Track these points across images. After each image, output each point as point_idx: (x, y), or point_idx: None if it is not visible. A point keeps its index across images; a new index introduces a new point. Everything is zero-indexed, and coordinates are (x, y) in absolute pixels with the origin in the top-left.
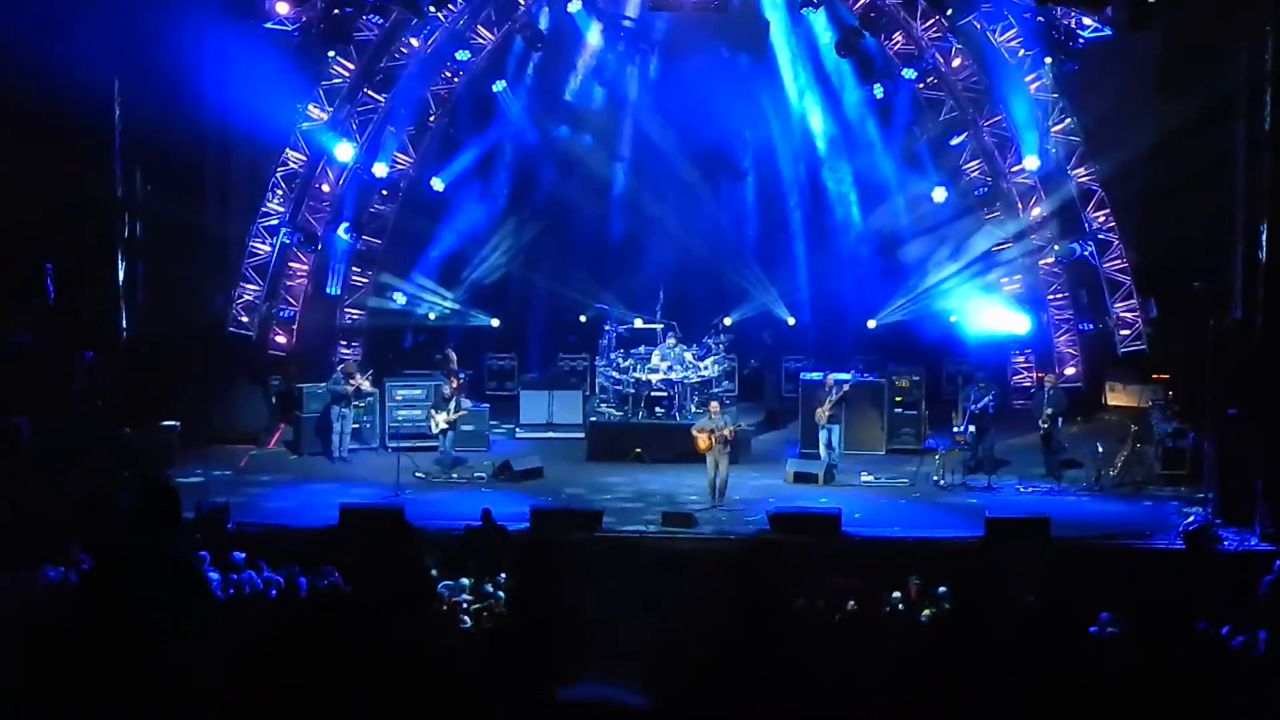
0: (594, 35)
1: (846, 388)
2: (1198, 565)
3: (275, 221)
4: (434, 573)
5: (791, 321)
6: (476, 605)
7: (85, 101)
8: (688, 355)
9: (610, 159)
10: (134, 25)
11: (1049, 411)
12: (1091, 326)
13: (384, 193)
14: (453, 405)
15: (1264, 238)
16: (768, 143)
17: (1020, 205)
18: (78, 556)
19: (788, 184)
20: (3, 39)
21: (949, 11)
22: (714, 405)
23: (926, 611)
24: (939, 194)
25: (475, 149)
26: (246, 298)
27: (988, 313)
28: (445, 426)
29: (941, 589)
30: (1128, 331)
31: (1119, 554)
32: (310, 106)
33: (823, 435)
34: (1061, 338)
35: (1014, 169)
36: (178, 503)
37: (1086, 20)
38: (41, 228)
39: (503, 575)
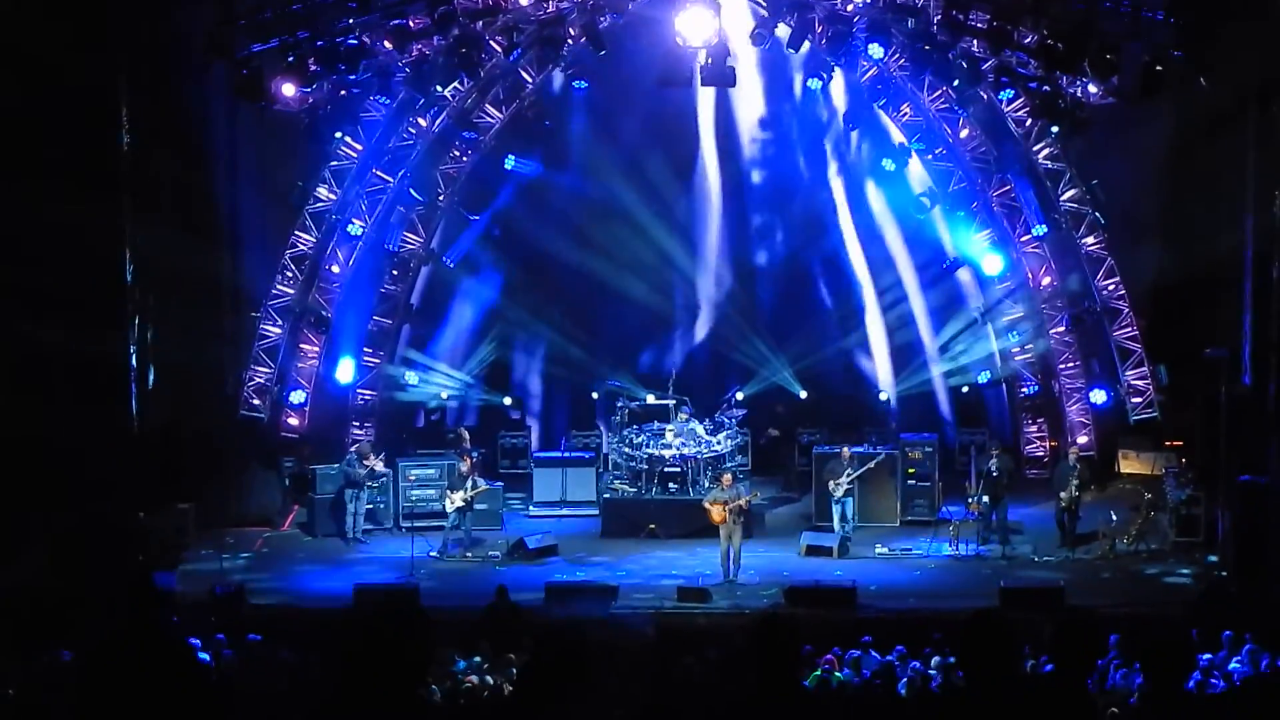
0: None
1: (872, 464)
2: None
3: (285, 303)
4: (453, 655)
5: (804, 395)
6: (486, 681)
7: (96, 182)
8: (700, 430)
9: (620, 233)
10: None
11: (1075, 483)
12: (1109, 399)
13: (394, 273)
14: (469, 484)
15: (1274, 303)
16: (779, 212)
17: (1030, 274)
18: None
19: (799, 256)
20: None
21: (955, 82)
22: (727, 477)
23: (941, 681)
24: (950, 263)
25: (485, 227)
26: (258, 380)
27: (999, 381)
28: (461, 505)
29: (954, 658)
30: (1139, 399)
31: (1134, 620)
32: (319, 188)
33: (836, 509)
34: (1073, 406)
35: (1023, 238)
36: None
37: (1093, 88)
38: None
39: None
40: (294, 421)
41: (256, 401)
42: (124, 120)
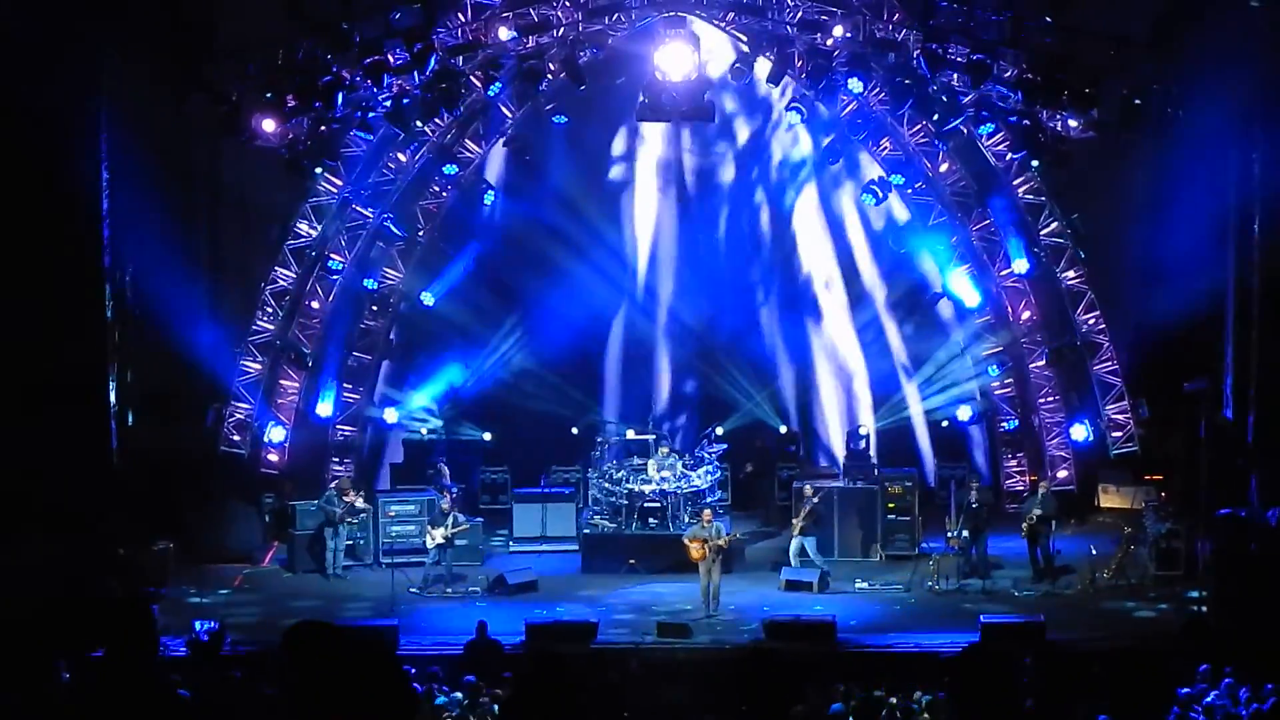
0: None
1: (816, 500)
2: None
3: (265, 339)
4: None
5: (784, 430)
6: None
7: (75, 216)
8: (680, 465)
9: (599, 267)
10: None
11: (1037, 513)
12: (1090, 433)
13: (374, 308)
14: (450, 521)
15: (1254, 336)
16: (757, 246)
17: (1010, 308)
18: (60, 671)
19: (778, 290)
20: None
21: (935, 116)
22: (706, 514)
23: (924, 717)
24: (929, 298)
25: (465, 262)
26: (238, 416)
27: (978, 416)
28: (442, 542)
29: (938, 695)
30: (1119, 433)
31: (1114, 655)
32: (300, 223)
33: (794, 545)
34: (1052, 440)
35: (1003, 272)
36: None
37: (1073, 123)
38: (30, 348)
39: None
40: (274, 457)
41: (236, 437)
42: (103, 154)
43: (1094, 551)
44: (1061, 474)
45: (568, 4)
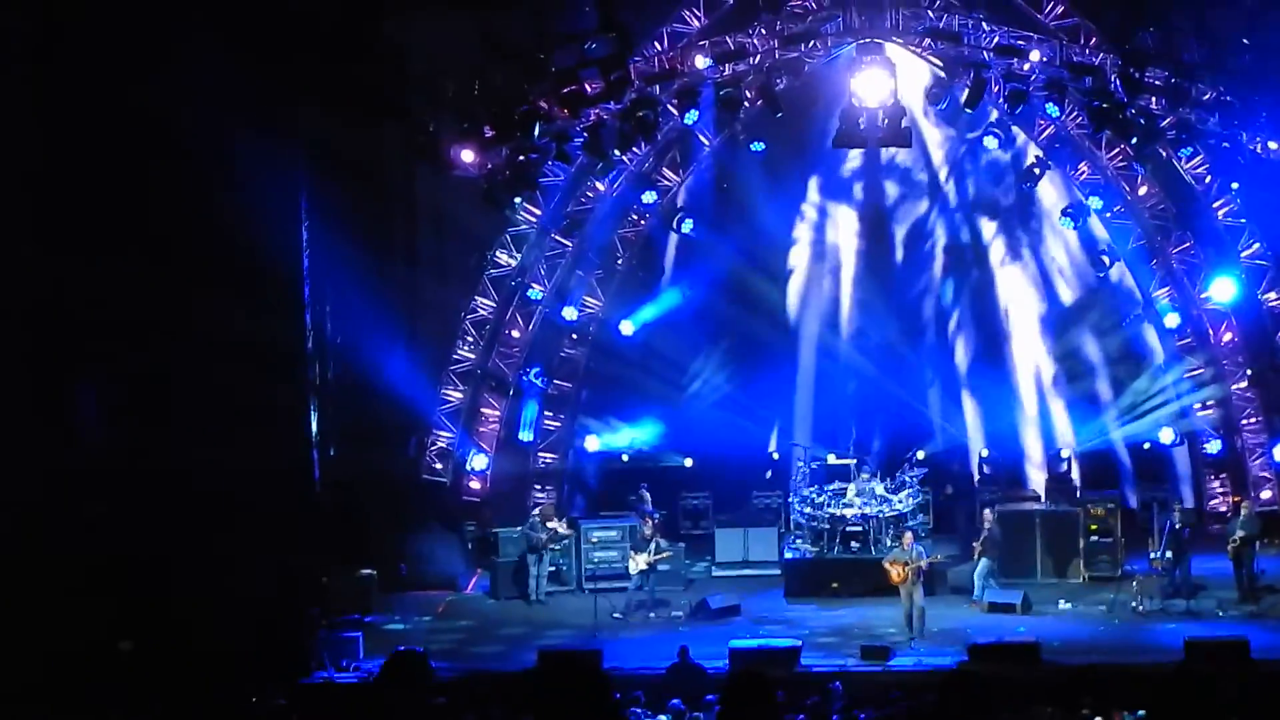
0: None
1: (989, 525)
2: None
3: (466, 368)
4: (637, 710)
5: (985, 453)
6: None
7: (273, 248)
8: (880, 489)
9: (798, 292)
10: (321, 171)
11: (1241, 534)
12: None
13: (574, 336)
14: (653, 546)
15: None
16: (955, 271)
17: (1211, 331)
18: (277, 700)
19: (974, 316)
20: (191, 184)
21: (1134, 140)
22: (907, 537)
23: None
24: (1131, 321)
25: (663, 289)
26: (440, 444)
27: (1181, 438)
28: (645, 567)
29: (1140, 712)
30: None
31: None
32: (499, 253)
33: (979, 567)
34: (1255, 461)
35: (1203, 295)
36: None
37: (1273, 144)
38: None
39: (699, 714)
40: (476, 485)
41: (439, 465)
42: (303, 208)
43: None
44: (1265, 494)
45: (764, 32)
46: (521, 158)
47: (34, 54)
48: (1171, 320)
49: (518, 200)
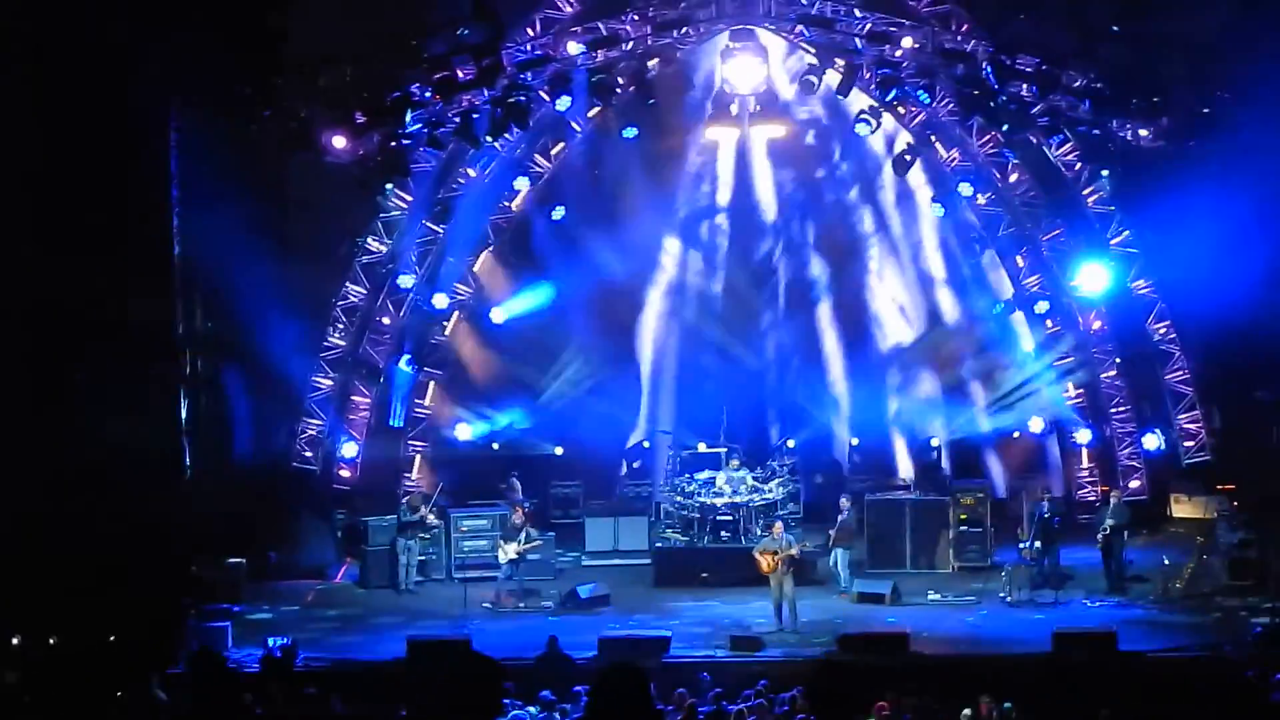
0: None
1: (845, 514)
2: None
3: (337, 355)
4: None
5: (855, 442)
6: None
7: (144, 235)
8: (750, 478)
9: (668, 280)
10: (193, 158)
11: (1110, 524)
12: (1161, 443)
13: (445, 323)
14: (523, 536)
15: None
16: (828, 256)
17: (1081, 319)
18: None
19: (845, 304)
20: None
21: (1005, 127)
22: (777, 527)
23: None
24: (998, 309)
25: (534, 276)
26: (310, 432)
27: (1050, 426)
28: (514, 556)
29: (1008, 704)
30: (1191, 443)
31: (1188, 666)
32: (370, 239)
33: (832, 557)
34: (1124, 451)
35: (1073, 283)
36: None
37: (1143, 132)
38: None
39: (568, 706)
40: (346, 473)
41: (309, 453)
42: (173, 174)
43: (1167, 562)
44: (1134, 484)
45: (636, 18)
46: (394, 144)
47: None
48: (1041, 307)
49: (389, 186)
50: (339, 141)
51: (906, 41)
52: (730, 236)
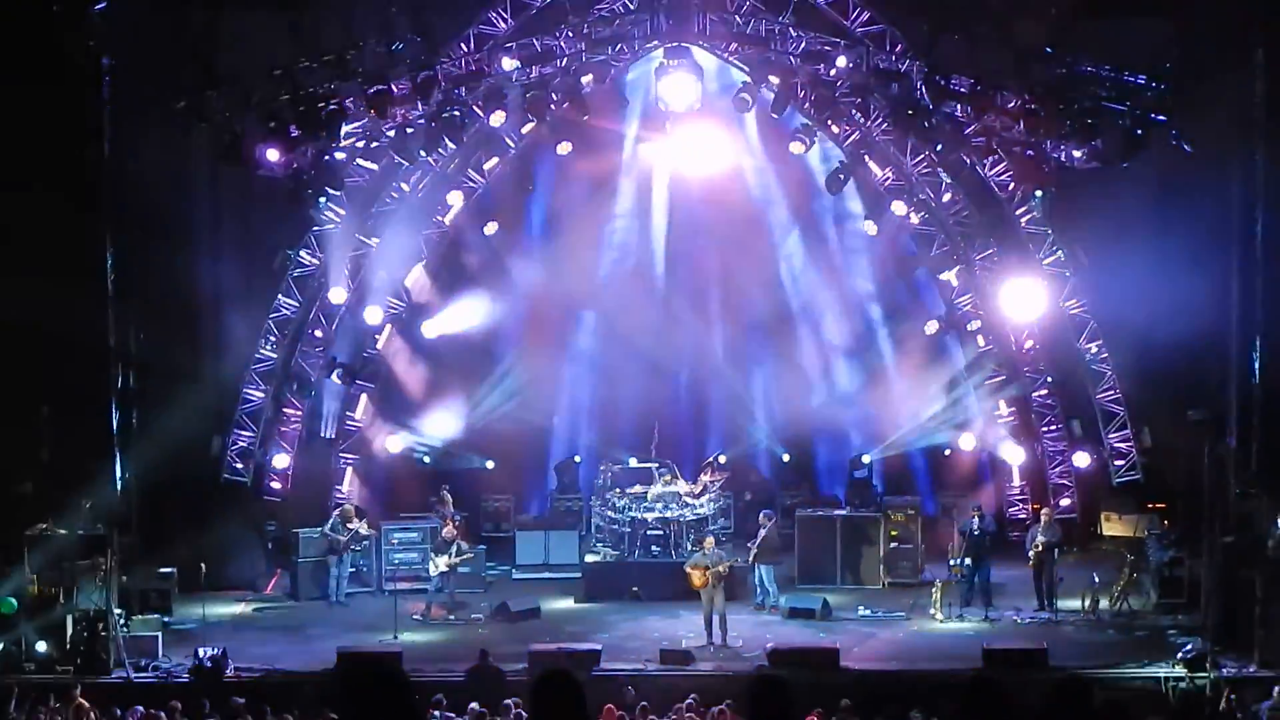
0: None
1: (766, 530)
2: (1197, 693)
3: (268, 367)
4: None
5: (786, 458)
6: None
7: (76, 248)
8: (681, 493)
9: (602, 296)
10: (127, 169)
11: (1041, 541)
12: (1092, 461)
13: (377, 337)
14: (454, 548)
15: (1257, 364)
16: (758, 277)
17: (1013, 338)
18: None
19: (777, 318)
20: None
21: (939, 147)
22: (708, 542)
23: None
24: (931, 327)
25: (467, 290)
26: (241, 444)
27: (981, 444)
28: (445, 569)
29: None
30: (1122, 461)
31: (1117, 683)
32: (303, 252)
33: (755, 574)
34: (1055, 469)
35: (1005, 302)
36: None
37: (1077, 152)
38: (35, 375)
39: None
40: (277, 485)
41: (240, 465)
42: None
43: (1097, 579)
44: (1064, 502)
45: (570, 35)
46: (327, 157)
47: None
48: (973, 326)
49: (322, 200)
50: (272, 154)
51: (841, 61)
52: (663, 252)
